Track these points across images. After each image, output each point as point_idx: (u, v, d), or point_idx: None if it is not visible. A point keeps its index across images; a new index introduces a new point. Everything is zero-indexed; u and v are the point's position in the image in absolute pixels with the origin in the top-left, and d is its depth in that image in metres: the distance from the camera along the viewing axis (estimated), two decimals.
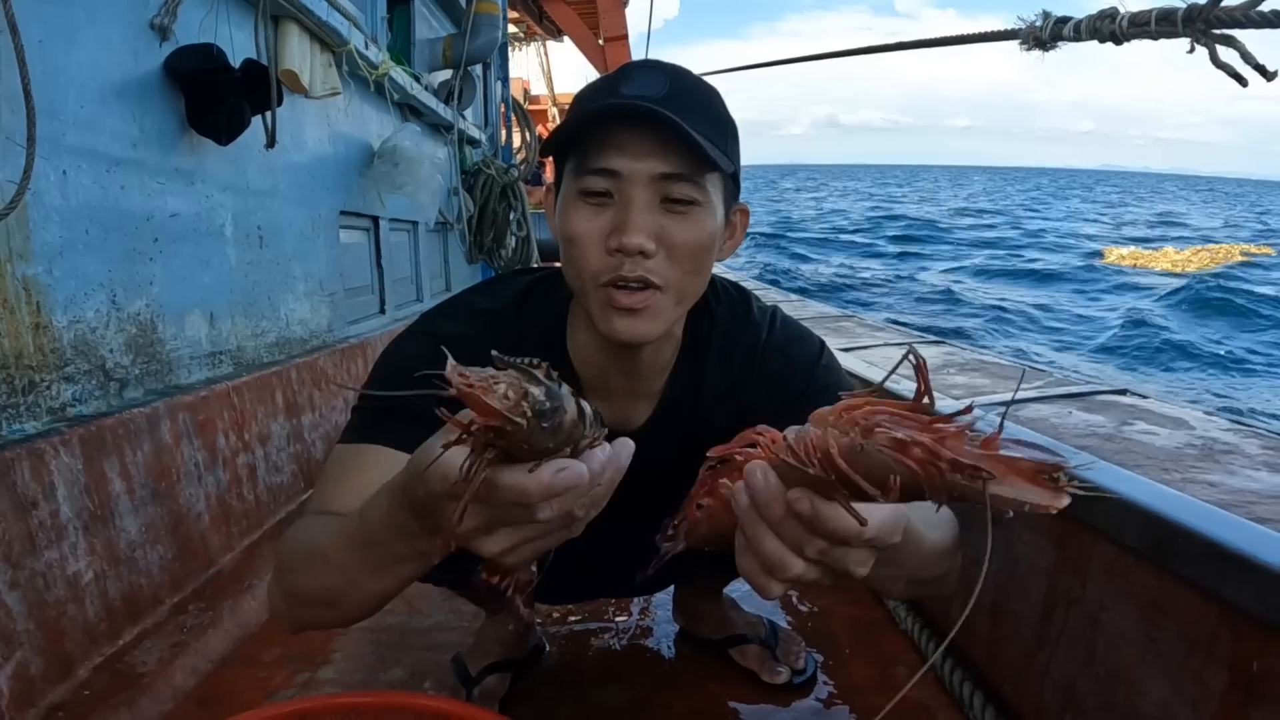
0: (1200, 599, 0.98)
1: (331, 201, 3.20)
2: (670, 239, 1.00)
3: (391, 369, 1.14)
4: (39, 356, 1.60)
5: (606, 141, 0.98)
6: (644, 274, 1.00)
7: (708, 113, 1.01)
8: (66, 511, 1.55)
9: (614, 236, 0.99)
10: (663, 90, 0.98)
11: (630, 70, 1.03)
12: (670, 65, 1.03)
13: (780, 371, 1.21)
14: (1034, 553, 1.33)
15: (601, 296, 1.03)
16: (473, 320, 1.18)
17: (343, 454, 1.09)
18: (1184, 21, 1.23)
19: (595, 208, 1.01)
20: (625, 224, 0.98)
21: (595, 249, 1.01)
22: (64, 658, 1.50)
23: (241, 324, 2.42)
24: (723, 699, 1.56)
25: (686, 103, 0.98)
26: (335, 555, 0.89)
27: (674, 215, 1.00)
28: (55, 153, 1.63)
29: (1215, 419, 1.56)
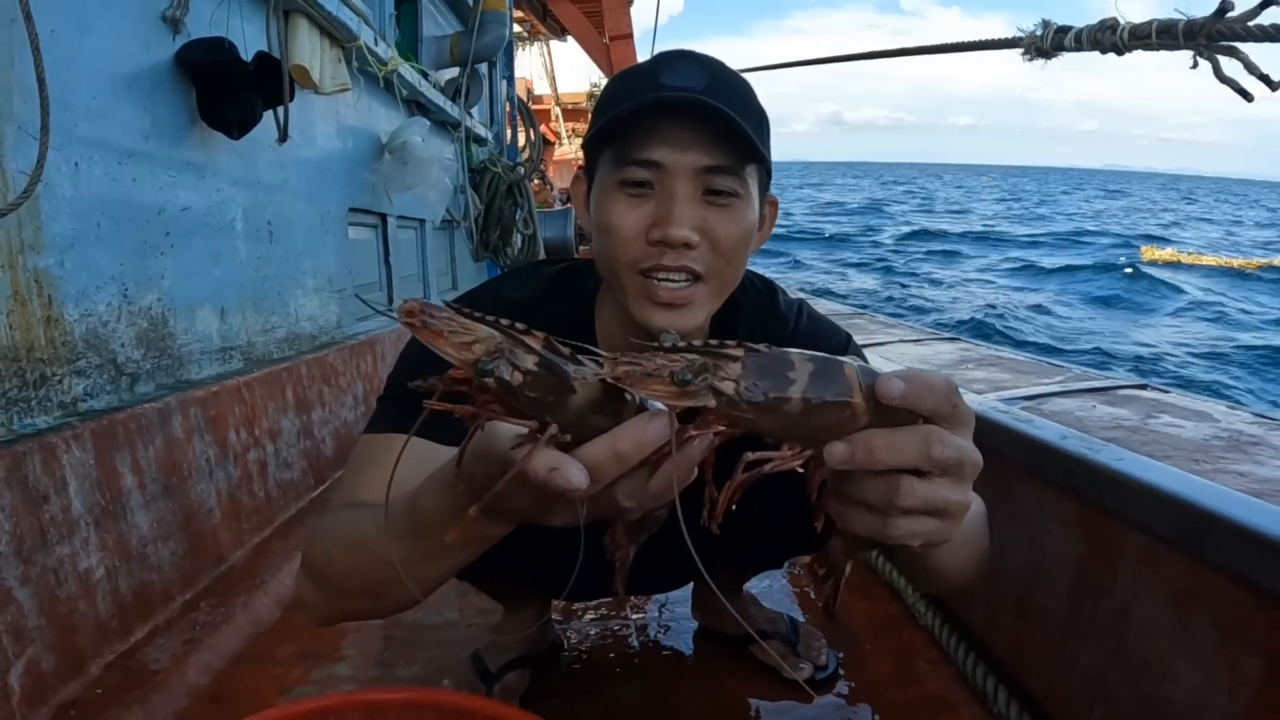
0: (1234, 586, 0.97)
1: (341, 198, 3.19)
2: (713, 231, 1.00)
3: (416, 358, 1.14)
4: (50, 350, 1.59)
5: (650, 132, 0.97)
6: (687, 264, 1.00)
7: (746, 104, 1.00)
8: (78, 506, 1.54)
9: (657, 228, 0.98)
10: (703, 82, 0.98)
11: (668, 60, 1.01)
12: (706, 56, 1.02)
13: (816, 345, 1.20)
14: (1060, 544, 1.32)
15: (639, 285, 1.02)
16: (499, 309, 1.16)
17: (370, 444, 1.08)
18: (1185, 35, 1.23)
19: (635, 198, 0.99)
20: (669, 216, 0.97)
21: (636, 239, 1.00)
22: (75, 655, 1.49)
23: (252, 319, 2.41)
24: (742, 695, 1.55)
25: (726, 94, 0.97)
26: (383, 546, 0.87)
27: (716, 208, 0.99)
28: (67, 144, 1.61)
29: (1239, 412, 1.55)
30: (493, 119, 6.59)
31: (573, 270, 1.24)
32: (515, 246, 5.60)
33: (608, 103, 1.04)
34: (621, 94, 1.01)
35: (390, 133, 3.62)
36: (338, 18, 2.61)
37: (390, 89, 3.58)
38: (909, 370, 0.66)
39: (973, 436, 0.70)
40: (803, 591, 1.97)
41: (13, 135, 1.46)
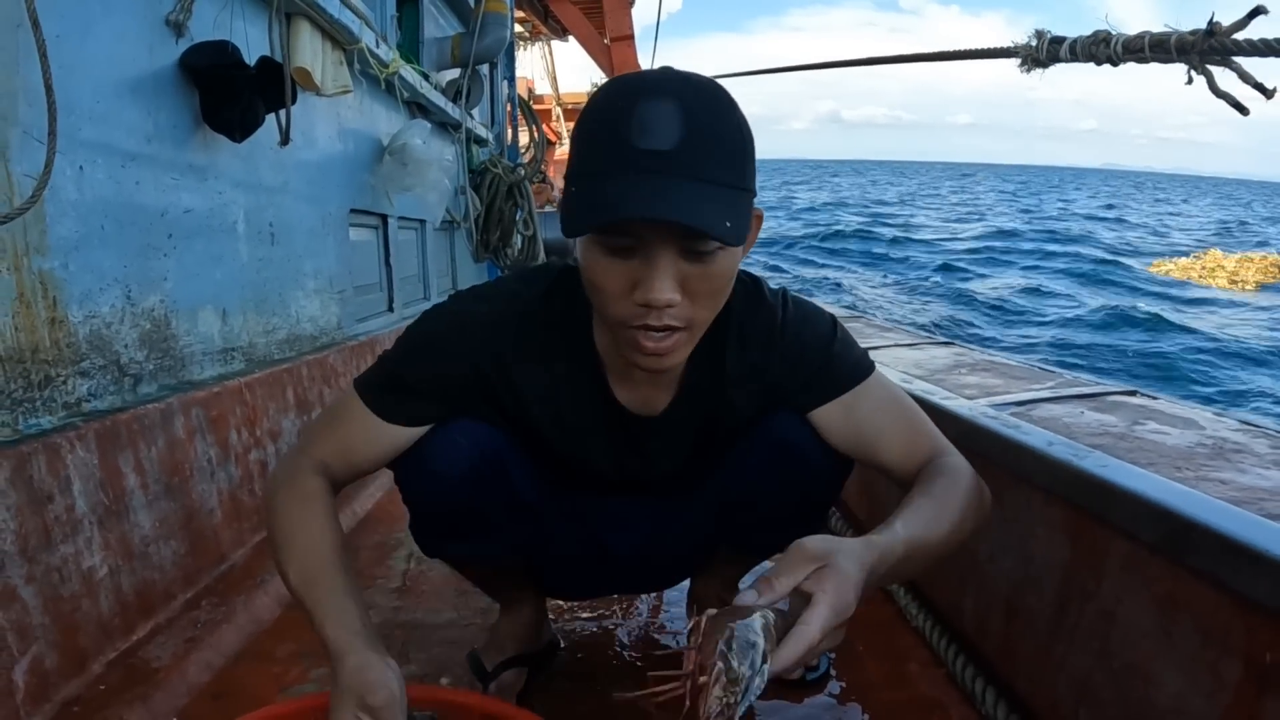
0: (1215, 592, 0.99)
1: (341, 199, 3.21)
2: (694, 286, 1.00)
3: (420, 339, 1.22)
4: (55, 351, 1.61)
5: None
6: (670, 322, 1.01)
7: (725, 146, 0.98)
8: (82, 506, 1.56)
9: (640, 292, 0.99)
10: (677, 135, 0.93)
11: (639, 110, 0.95)
12: (680, 90, 0.97)
13: (798, 350, 1.23)
14: (1048, 548, 1.34)
15: (628, 336, 1.04)
16: (501, 303, 1.22)
17: (348, 404, 1.24)
18: (1178, 50, 1.24)
19: (618, 257, 0.99)
20: (651, 284, 0.97)
21: (621, 300, 1.01)
22: (78, 652, 1.51)
23: (253, 320, 2.43)
24: None
25: (703, 142, 0.95)
26: (296, 585, 1.15)
27: (698, 262, 0.99)
28: (71, 147, 1.63)
29: (1224, 419, 1.57)
30: (494, 120, 6.60)
31: (574, 274, 1.24)
32: (515, 247, 5.62)
33: (580, 156, 1.01)
34: (593, 152, 0.99)
35: (391, 134, 3.64)
36: (340, 20, 2.63)
37: (391, 91, 3.59)
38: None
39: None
40: None
41: (18, 139, 1.48)
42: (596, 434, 1.29)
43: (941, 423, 1.58)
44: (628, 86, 0.99)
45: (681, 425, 1.29)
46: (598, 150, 0.98)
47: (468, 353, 1.19)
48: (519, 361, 1.21)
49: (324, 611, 1.09)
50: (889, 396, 1.26)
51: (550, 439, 1.29)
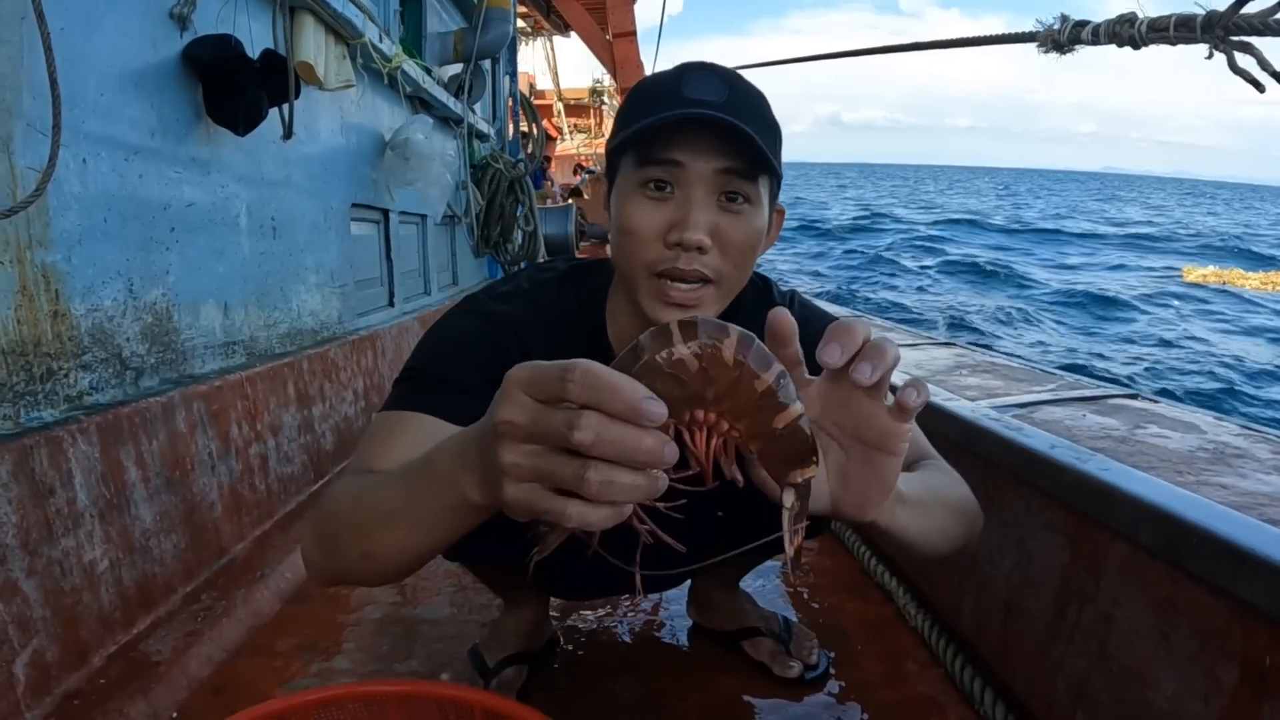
0: (1213, 596, 0.99)
1: (343, 194, 3.21)
2: (725, 236, 1.04)
3: (445, 342, 1.19)
4: (57, 344, 1.61)
5: (672, 139, 1.02)
6: (700, 268, 1.04)
7: (762, 117, 1.05)
8: (83, 499, 1.56)
9: (674, 231, 1.03)
10: (723, 95, 1.03)
11: (689, 73, 1.05)
12: (725, 69, 1.07)
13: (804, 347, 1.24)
14: (1047, 551, 1.34)
15: (654, 286, 1.07)
16: (520, 303, 1.22)
17: (386, 420, 1.12)
18: (1203, 28, 1.24)
19: (655, 201, 1.04)
20: (686, 220, 1.02)
21: (653, 241, 1.05)
22: (79, 645, 1.51)
23: (255, 314, 2.43)
24: (736, 692, 1.57)
25: (744, 108, 1.03)
26: (386, 495, 0.90)
27: (729, 213, 1.04)
28: (75, 140, 1.63)
29: (1225, 423, 1.56)
30: (495, 115, 6.60)
31: (583, 268, 1.29)
32: (516, 243, 5.62)
33: (632, 111, 1.08)
34: (646, 104, 1.06)
35: (393, 129, 3.64)
36: (343, 15, 2.63)
37: (394, 85, 3.60)
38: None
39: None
40: (796, 592, 2.00)
41: (22, 132, 1.48)
42: None
43: (943, 424, 1.58)
44: (676, 68, 1.09)
45: None
46: (649, 109, 1.04)
47: (503, 347, 1.18)
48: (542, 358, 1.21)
49: (421, 458, 0.87)
50: None
51: None
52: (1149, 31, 1.36)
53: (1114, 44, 1.45)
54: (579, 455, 0.64)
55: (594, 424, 0.63)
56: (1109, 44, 1.46)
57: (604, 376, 0.65)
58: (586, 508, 0.67)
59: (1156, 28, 1.35)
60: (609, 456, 0.64)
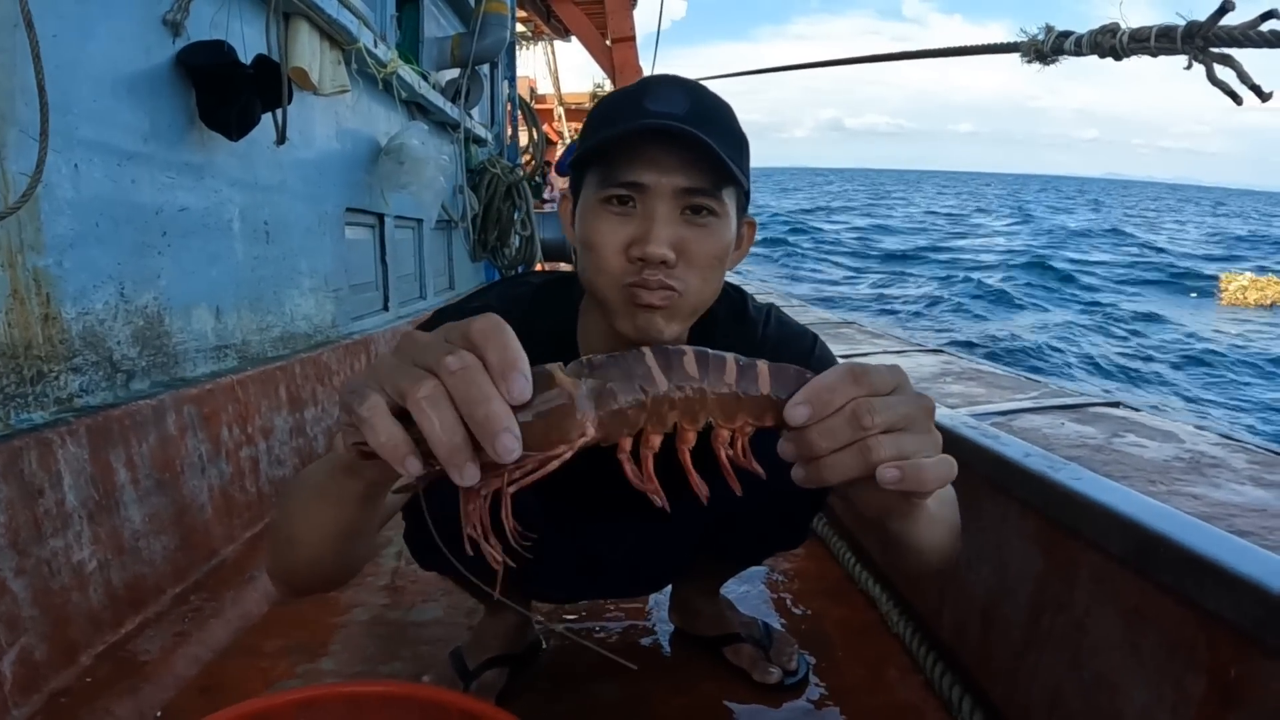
0: (1180, 607, 1.00)
1: (338, 198, 3.23)
2: (689, 249, 1.04)
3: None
4: (48, 347, 1.62)
5: (634, 156, 1.02)
6: (665, 280, 1.04)
7: (726, 130, 1.05)
8: (72, 500, 1.58)
9: (637, 246, 1.03)
10: (685, 107, 1.02)
11: (652, 86, 1.05)
12: (689, 82, 1.07)
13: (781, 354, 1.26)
14: (1022, 558, 1.36)
15: (623, 296, 1.07)
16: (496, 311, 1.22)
17: None
18: (1183, 39, 1.25)
19: (618, 217, 1.04)
20: (649, 235, 1.02)
21: (617, 256, 1.05)
22: (67, 644, 1.52)
23: (247, 318, 2.45)
24: (717, 698, 1.59)
25: (707, 121, 1.02)
26: (300, 478, 0.94)
27: (693, 226, 1.04)
28: (68, 146, 1.65)
29: (1205, 433, 1.57)
30: (493, 120, 6.61)
31: (558, 281, 1.29)
32: (513, 247, 5.63)
33: (594, 125, 1.09)
34: (607, 118, 1.06)
35: (389, 134, 3.66)
36: (338, 20, 2.65)
37: (390, 90, 3.61)
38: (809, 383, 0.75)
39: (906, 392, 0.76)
40: (779, 597, 2.01)
41: (15, 138, 1.50)
42: None
43: None
44: (641, 81, 1.09)
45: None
46: (609, 114, 1.06)
47: None
48: None
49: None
50: None
51: None
52: (1130, 42, 1.37)
53: (1096, 54, 1.46)
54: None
55: (467, 360, 0.64)
56: (1091, 54, 1.47)
57: (503, 331, 0.66)
58: (394, 427, 0.65)
59: (1138, 38, 1.36)
60: (455, 392, 0.63)
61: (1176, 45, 1.28)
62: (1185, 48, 1.27)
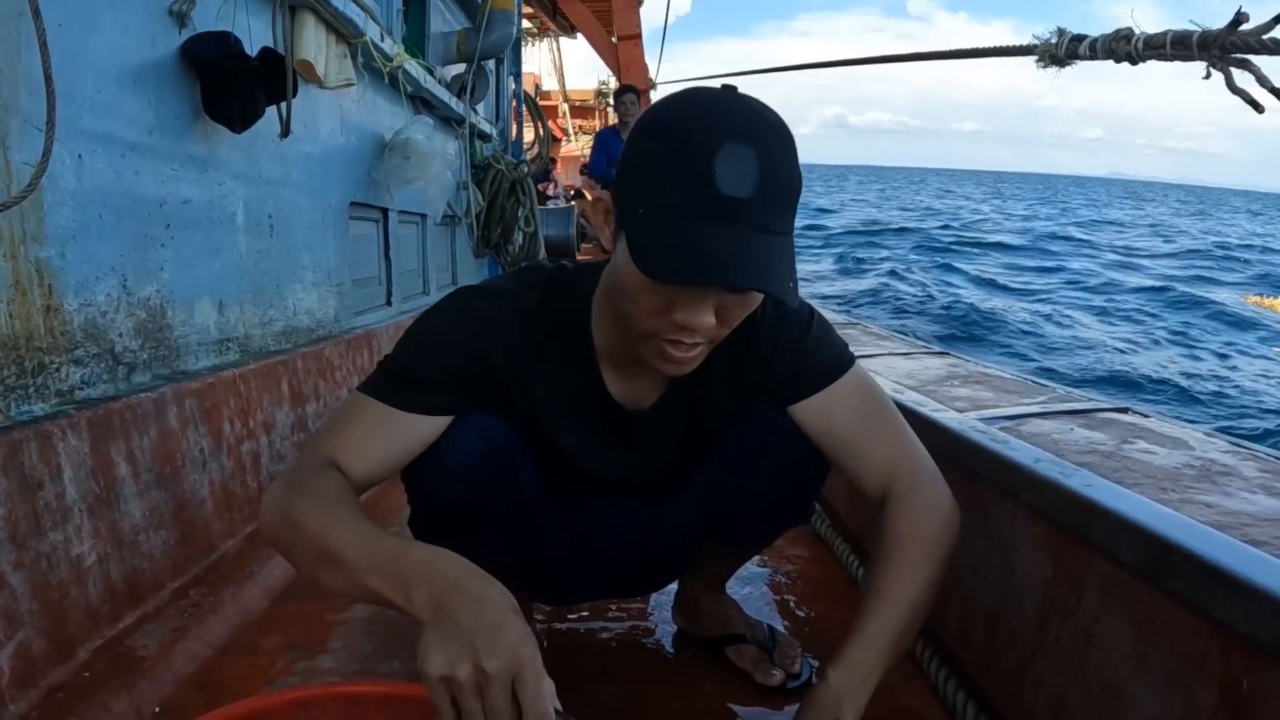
0: (1192, 617, 0.99)
1: (342, 192, 3.21)
2: (728, 313, 1.06)
3: (425, 334, 1.23)
4: (49, 339, 1.61)
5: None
6: (699, 340, 1.08)
7: (788, 194, 1.02)
8: (72, 494, 1.57)
9: (681, 315, 1.04)
10: (754, 183, 0.97)
11: (721, 153, 0.97)
12: (760, 135, 0.99)
13: (773, 347, 1.29)
14: (1030, 565, 1.34)
15: (656, 346, 1.10)
16: (504, 302, 1.25)
17: (359, 404, 1.20)
18: (1199, 46, 1.24)
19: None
20: (695, 312, 1.03)
21: (657, 317, 1.06)
22: (65, 639, 1.51)
23: (250, 312, 2.43)
24: (720, 700, 1.58)
25: (774, 193, 0.99)
26: (350, 551, 1.00)
27: (738, 294, 1.04)
28: (71, 136, 1.63)
29: (1215, 440, 1.56)
30: (498, 116, 6.60)
31: (567, 276, 1.29)
32: (516, 244, 5.62)
33: (655, 183, 1.01)
34: (671, 185, 0.99)
35: (394, 128, 3.64)
36: (344, 14, 2.63)
37: (395, 85, 3.60)
38: None
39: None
40: (783, 599, 2.00)
41: (19, 128, 1.48)
42: (592, 427, 1.33)
43: (931, 435, 1.58)
44: (708, 119, 1.00)
45: (669, 419, 1.34)
46: (677, 185, 0.99)
47: (479, 344, 1.22)
48: (523, 356, 1.25)
49: (368, 537, 1.01)
50: (861, 399, 1.31)
51: (551, 432, 1.32)
52: (1145, 48, 1.36)
53: (1111, 59, 1.45)
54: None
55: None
56: (1106, 59, 1.46)
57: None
58: None
59: (1153, 45, 1.34)
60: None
61: (1193, 53, 1.27)
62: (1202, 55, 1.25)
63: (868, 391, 1.33)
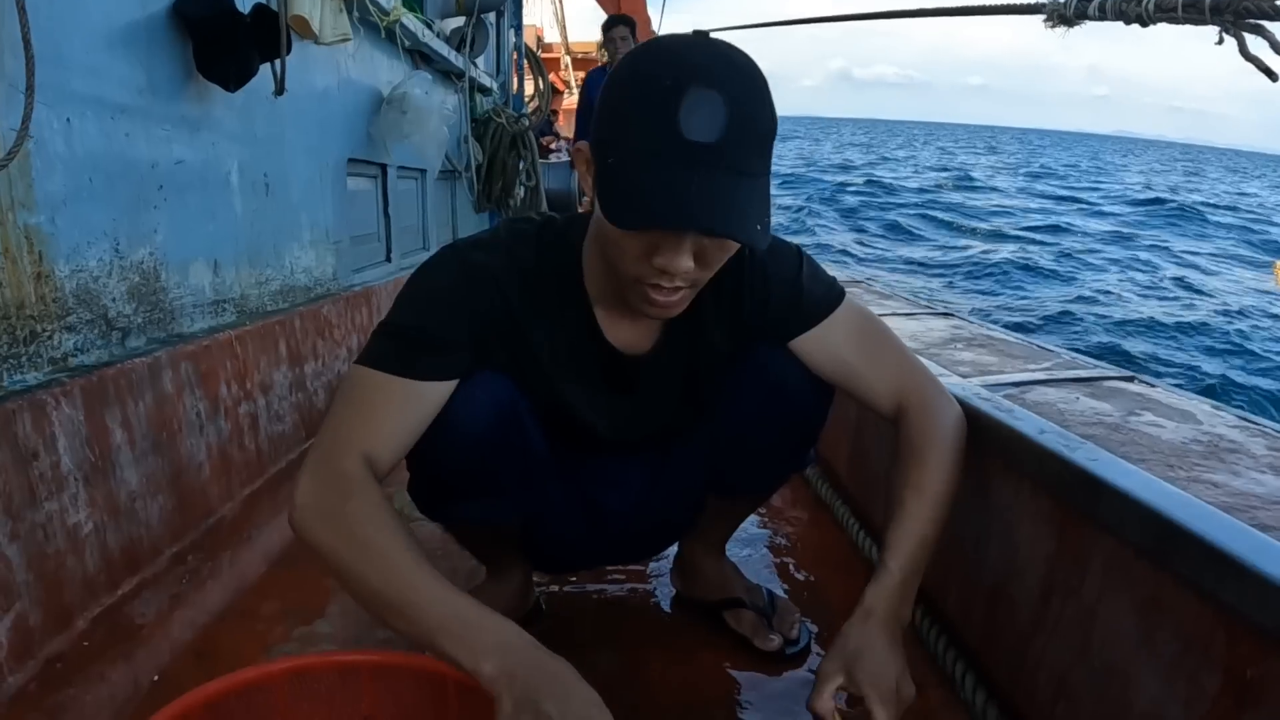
0: (1199, 601, 0.97)
1: (339, 149, 3.17)
2: (708, 256, 1.08)
3: (426, 294, 1.21)
4: (40, 306, 1.59)
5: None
6: (681, 284, 1.08)
7: (761, 134, 1.02)
8: (67, 463, 1.55)
9: (660, 260, 1.04)
10: (722, 126, 0.97)
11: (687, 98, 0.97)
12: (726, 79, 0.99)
13: (764, 286, 1.30)
14: (1034, 540, 1.32)
15: (640, 291, 1.11)
16: (499, 255, 1.23)
17: (376, 383, 1.16)
18: (1212, 11, 1.20)
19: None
20: (673, 256, 1.04)
21: (639, 262, 1.07)
22: (63, 609, 1.50)
23: (246, 272, 2.41)
24: (717, 665, 1.58)
25: (744, 135, 1.00)
26: (414, 600, 1.01)
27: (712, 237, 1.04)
28: (60, 100, 1.60)
29: (1222, 414, 1.53)
30: (499, 69, 6.52)
31: (558, 228, 1.29)
32: (518, 198, 5.58)
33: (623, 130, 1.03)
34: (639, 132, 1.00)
35: (391, 83, 3.59)
36: None
37: (392, 39, 3.55)
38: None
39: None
40: (781, 563, 2.00)
41: (4, 93, 1.45)
42: (593, 376, 1.33)
43: None
44: (675, 65, 1.00)
45: (667, 363, 1.34)
46: (644, 133, 1.00)
47: (481, 298, 1.21)
48: (522, 309, 1.24)
49: (436, 589, 1.02)
50: (860, 327, 1.35)
51: (553, 384, 1.31)
52: (1156, 10, 1.32)
53: (1121, 21, 1.41)
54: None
55: None
56: (1115, 20, 1.43)
57: None
58: None
59: (1164, 7, 1.31)
60: None
61: (1205, 16, 1.24)
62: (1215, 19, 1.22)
63: (865, 319, 1.36)
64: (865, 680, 1.12)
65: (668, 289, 1.08)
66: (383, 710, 1.13)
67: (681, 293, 1.11)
